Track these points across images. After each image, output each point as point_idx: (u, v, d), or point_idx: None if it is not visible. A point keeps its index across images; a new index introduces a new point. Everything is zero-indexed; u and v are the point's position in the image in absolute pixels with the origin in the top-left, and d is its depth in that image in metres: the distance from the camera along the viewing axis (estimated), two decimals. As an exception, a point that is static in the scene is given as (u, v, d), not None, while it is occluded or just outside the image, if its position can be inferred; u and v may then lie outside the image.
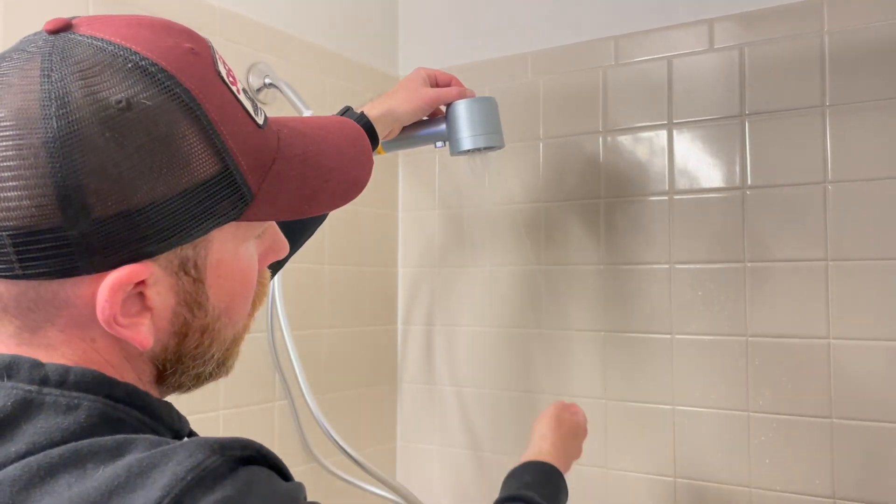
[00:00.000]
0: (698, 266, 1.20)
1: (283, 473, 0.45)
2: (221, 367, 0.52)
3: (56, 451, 0.39)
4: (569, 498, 0.88)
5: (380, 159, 1.49)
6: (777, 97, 1.15)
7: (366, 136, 0.58)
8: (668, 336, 1.22)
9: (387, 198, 1.50)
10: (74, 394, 0.42)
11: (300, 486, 0.45)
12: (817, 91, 1.12)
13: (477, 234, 1.43)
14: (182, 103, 0.42)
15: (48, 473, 0.38)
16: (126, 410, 0.43)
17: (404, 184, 1.52)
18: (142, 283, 0.43)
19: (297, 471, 1.25)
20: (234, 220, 0.46)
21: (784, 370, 1.13)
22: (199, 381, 0.51)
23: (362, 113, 0.89)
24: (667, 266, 1.23)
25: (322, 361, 1.30)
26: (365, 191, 0.56)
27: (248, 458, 0.42)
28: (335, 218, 1.34)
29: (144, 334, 0.44)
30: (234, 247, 0.48)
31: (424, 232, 1.48)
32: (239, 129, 0.45)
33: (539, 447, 0.92)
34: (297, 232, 0.84)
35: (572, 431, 0.97)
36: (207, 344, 0.49)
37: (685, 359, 1.20)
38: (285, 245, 0.54)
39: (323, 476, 1.28)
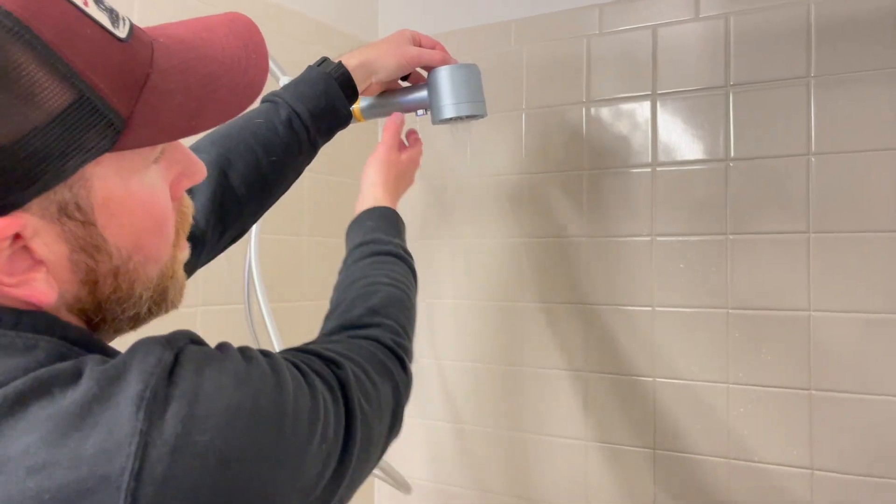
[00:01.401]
0: (680, 238, 1.19)
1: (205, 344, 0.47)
2: (160, 304, 0.50)
3: (17, 382, 0.38)
4: (551, 460, 0.87)
5: (359, 127, 1.47)
6: (762, 68, 1.13)
7: (259, 31, 0.53)
8: (650, 308, 1.21)
9: (366, 168, 1.47)
10: (30, 335, 0.41)
11: (225, 344, 0.47)
12: (803, 62, 1.11)
13: (458, 206, 1.41)
14: (6, 30, 0.37)
15: (16, 402, 0.38)
16: (80, 352, 0.42)
17: (384, 154, 1.49)
18: (18, 236, 0.40)
19: (275, 444, 1.23)
20: (107, 151, 0.41)
21: (764, 342, 1.13)
22: (137, 321, 0.49)
23: (340, 62, 0.86)
24: (648, 238, 1.22)
25: (301, 335, 1.28)
26: (345, 160, 0.52)
27: (189, 344, 0.44)
28: (314, 189, 1.32)
29: (42, 290, 0.42)
30: (122, 180, 0.44)
31: (404, 203, 1.45)
32: (91, 48, 0.40)
33: (372, 195, 0.92)
34: (261, 188, 0.80)
35: (401, 171, 0.97)
36: (126, 287, 0.46)
37: (666, 331, 1.20)
38: (199, 167, 0.51)
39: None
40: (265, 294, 1.09)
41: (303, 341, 0.69)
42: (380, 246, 0.81)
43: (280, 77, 1.13)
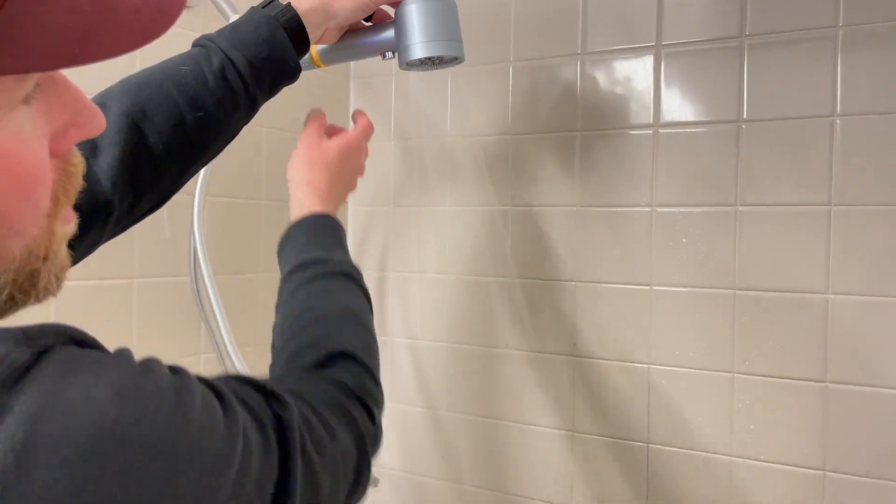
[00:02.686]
0: (683, 209, 1.06)
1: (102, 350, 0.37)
2: (27, 291, 0.37)
3: None
4: (535, 452, 0.75)
5: (326, 80, 1.31)
6: (782, 16, 1.00)
7: None
8: (647, 287, 1.09)
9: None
10: None
11: (123, 350, 0.38)
12: (830, 9, 0.97)
13: (435, 170, 1.27)
14: None
15: None
16: None
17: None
18: None
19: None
20: None
21: (775, 328, 1.01)
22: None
23: (289, 4, 0.72)
24: (648, 209, 1.09)
25: (258, 309, 1.16)
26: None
27: (61, 344, 0.35)
28: (274, 146, 1.18)
29: None
30: None
31: (378, 166, 1.32)
32: None
33: (298, 200, 0.78)
34: (185, 148, 0.67)
35: (332, 162, 0.81)
36: None
37: (664, 313, 1.08)
38: (94, 116, 0.37)
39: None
40: (208, 264, 0.95)
41: (261, 317, 0.58)
42: (320, 267, 0.70)
43: (231, 15, 0.99)
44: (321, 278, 0.68)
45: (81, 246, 0.60)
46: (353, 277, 0.70)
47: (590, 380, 1.13)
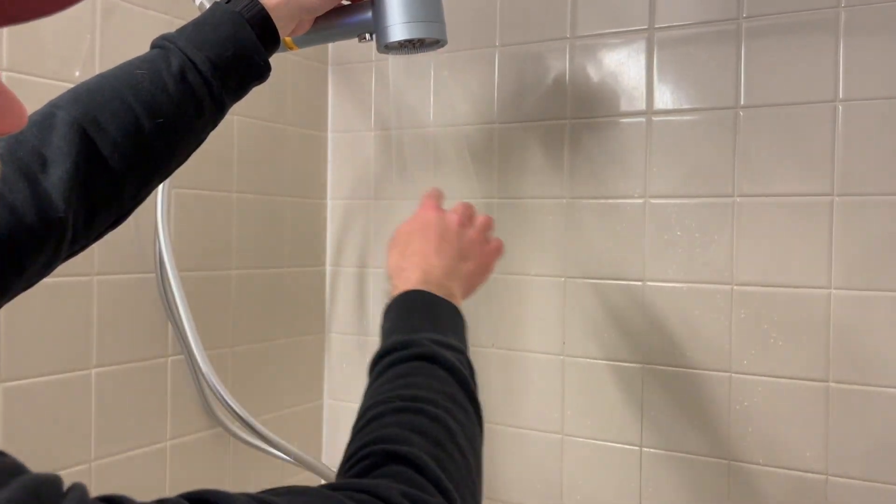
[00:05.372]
0: (678, 200, 1.01)
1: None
2: None
3: None
4: (523, 456, 0.70)
5: (302, 66, 1.24)
6: (782, -4, 0.95)
7: None
8: (640, 283, 1.04)
9: (313, 115, 1.27)
10: None
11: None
12: (832, -11, 0.92)
13: (417, 161, 1.21)
14: None
15: None
16: None
17: (334, 98, 1.29)
18: None
19: (198, 437, 1.05)
20: None
21: (774, 325, 0.96)
22: None
23: None
24: (641, 200, 1.04)
25: (231, 308, 1.09)
26: (287, 106, 0.33)
27: None
28: (246, 136, 1.11)
29: None
30: None
31: (358, 157, 1.27)
32: None
33: (398, 271, 0.70)
34: (144, 159, 0.61)
35: (451, 237, 0.73)
36: None
37: (659, 309, 1.03)
38: (13, 109, 0.29)
39: (229, 443, 1.08)
40: (173, 261, 0.89)
41: (234, 317, 0.50)
42: (402, 352, 0.59)
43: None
44: (399, 364, 0.59)
45: (35, 266, 0.55)
46: (441, 360, 0.59)
47: (580, 381, 1.08)
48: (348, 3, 0.80)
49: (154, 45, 0.64)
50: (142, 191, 0.63)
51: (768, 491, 0.97)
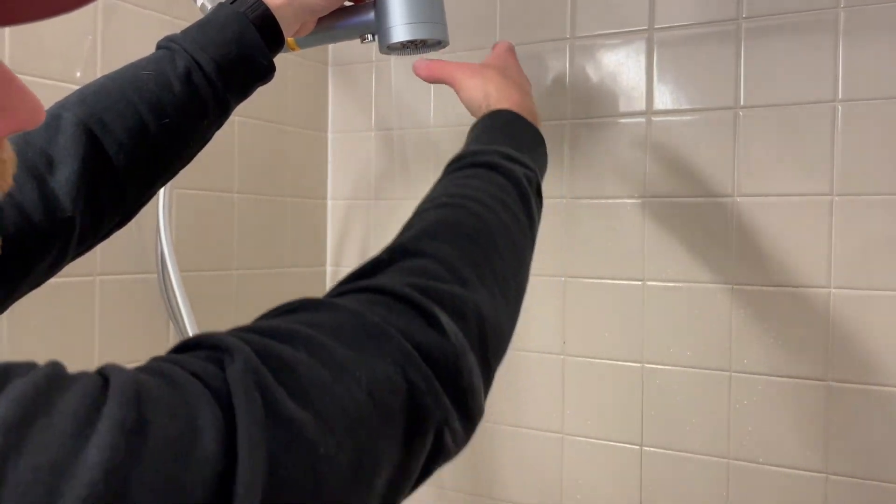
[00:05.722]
0: (678, 199, 1.02)
1: None
2: None
3: None
4: (522, 455, 0.70)
5: (303, 67, 1.25)
6: (781, -3, 0.95)
7: None
8: (640, 283, 1.04)
9: (314, 116, 1.27)
10: None
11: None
12: (831, -11, 0.92)
13: (418, 161, 1.22)
14: None
15: None
16: None
17: (335, 99, 1.29)
18: None
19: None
20: None
21: (774, 324, 0.96)
22: None
23: None
24: (640, 200, 1.04)
25: (232, 308, 1.10)
26: (288, 107, 0.33)
27: None
28: (247, 137, 1.12)
29: None
30: None
31: (358, 157, 1.27)
32: None
33: (484, 96, 0.73)
34: (150, 159, 0.61)
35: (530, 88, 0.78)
36: None
37: (658, 309, 1.03)
38: (29, 104, 0.30)
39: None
40: (175, 261, 0.89)
41: (234, 317, 0.50)
42: (466, 159, 0.61)
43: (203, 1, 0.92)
44: (458, 170, 0.61)
45: (41, 266, 0.55)
46: (500, 168, 0.58)
47: (580, 379, 1.09)
48: (351, 4, 0.81)
49: (159, 47, 0.65)
50: (147, 191, 0.63)
51: (768, 490, 0.97)
